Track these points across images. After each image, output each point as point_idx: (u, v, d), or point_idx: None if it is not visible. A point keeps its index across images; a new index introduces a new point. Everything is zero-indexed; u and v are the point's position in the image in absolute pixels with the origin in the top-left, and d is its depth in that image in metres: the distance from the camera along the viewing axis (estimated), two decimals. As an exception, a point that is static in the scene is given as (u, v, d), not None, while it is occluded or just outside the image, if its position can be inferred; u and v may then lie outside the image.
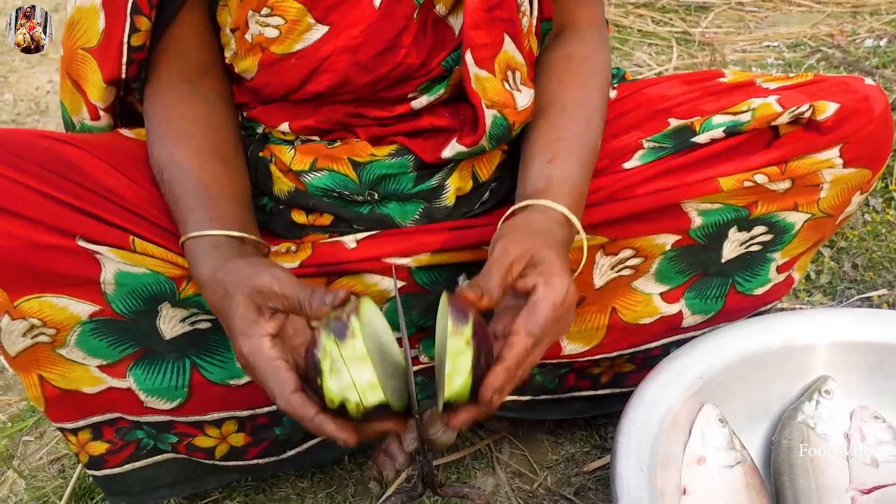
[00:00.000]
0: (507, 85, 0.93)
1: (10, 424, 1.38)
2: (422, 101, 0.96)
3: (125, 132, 1.02)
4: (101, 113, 0.97)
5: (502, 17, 0.91)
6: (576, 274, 0.93)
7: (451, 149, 0.96)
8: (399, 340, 0.84)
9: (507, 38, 0.93)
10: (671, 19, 2.72)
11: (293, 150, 0.99)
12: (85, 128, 0.99)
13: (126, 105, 1.02)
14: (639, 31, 2.66)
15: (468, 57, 0.91)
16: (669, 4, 2.83)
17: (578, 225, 0.89)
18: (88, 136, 0.98)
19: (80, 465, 1.25)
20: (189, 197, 0.90)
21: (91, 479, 1.23)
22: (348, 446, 0.76)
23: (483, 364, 0.75)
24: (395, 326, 0.86)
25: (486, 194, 1.04)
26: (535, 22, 0.98)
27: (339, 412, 0.74)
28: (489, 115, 0.93)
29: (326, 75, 0.92)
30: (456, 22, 0.94)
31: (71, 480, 1.23)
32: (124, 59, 0.92)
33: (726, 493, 0.98)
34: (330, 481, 1.22)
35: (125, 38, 0.90)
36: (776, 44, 2.51)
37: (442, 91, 0.96)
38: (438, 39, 0.94)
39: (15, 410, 1.42)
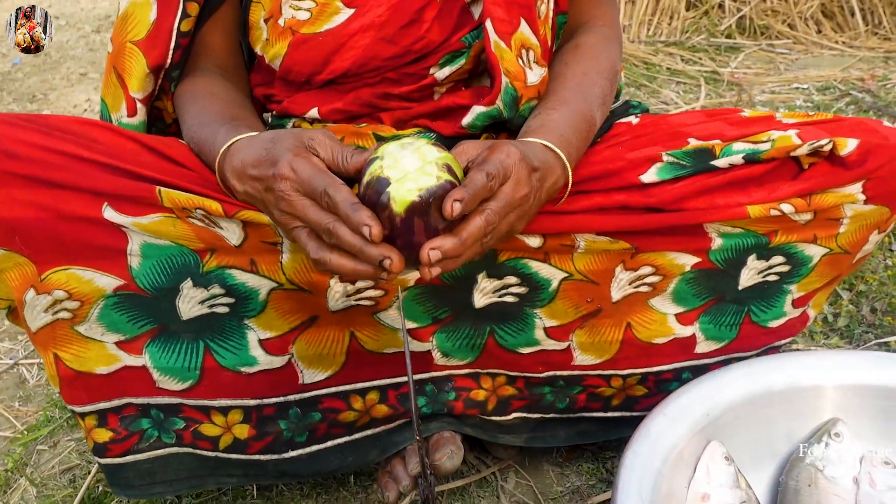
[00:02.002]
0: (520, 61, 1.00)
1: (26, 434, 1.41)
2: (444, 72, 1.04)
3: None
4: (139, 106, 1.04)
5: (520, 2, 1.01)
6: (560, 202, 0.96)
7: (472, 113, 1.02)
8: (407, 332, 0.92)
9: (523, 22, 1.01)
10: (700, 58, 2.73)
11: None
12: (121, 125, 1.05)
13: (154, 119, 1.10)
14: (667, 69, 2.67)
15: (488, 24, 0.99)
16: (699, 44, 2.84)
17: (559, 151, 0.92)
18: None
19: (90, 476, 1.27)
20: (219, 122, 0.96)
21: (100, 489, 1.26)
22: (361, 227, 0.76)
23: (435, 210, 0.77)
24: None
25: None
26: (551, 13, 1.07)
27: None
28: (502, 81, 0.99)
29: (352, 52, 1.02)
30: (477, 9, 1.03)
31: (80, 490, 1.25)
32: (172, 45, 1.03)
33: (729, 532, 0.97)
34: (335, 502, 1.22)
35: (176, 24, 1.02)
36: (805, 86, 2.51)
37: (463, 62, 1.04)
38: (460, 22, 1.04)
39: (32, 421, 1.45)
